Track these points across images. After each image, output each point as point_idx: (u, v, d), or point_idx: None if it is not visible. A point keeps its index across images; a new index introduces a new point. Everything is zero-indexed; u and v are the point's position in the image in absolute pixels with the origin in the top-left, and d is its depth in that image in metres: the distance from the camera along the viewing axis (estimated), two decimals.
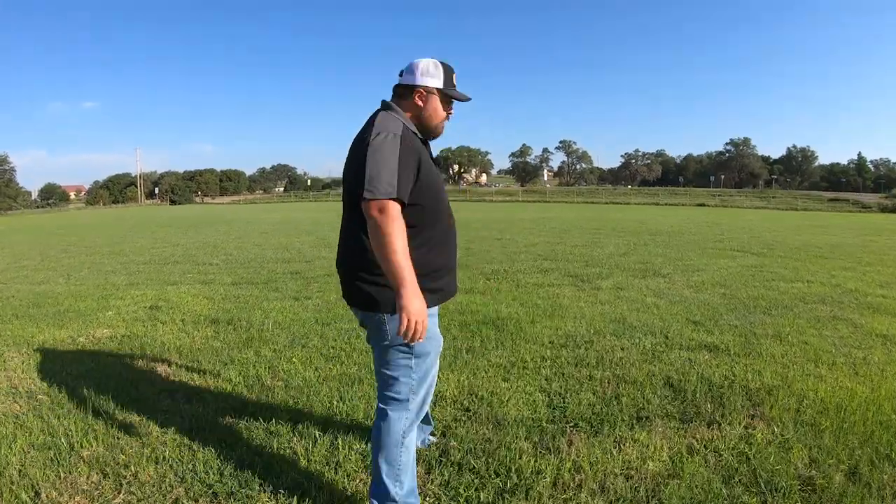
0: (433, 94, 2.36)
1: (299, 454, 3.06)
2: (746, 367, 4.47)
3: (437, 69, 2.34)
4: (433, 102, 2.37)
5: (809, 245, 14.95)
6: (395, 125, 2.21)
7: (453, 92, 2.38)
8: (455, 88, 2.40)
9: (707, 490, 2.71)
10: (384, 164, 2.09)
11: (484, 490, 2.71)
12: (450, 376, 4.24)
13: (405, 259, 2.02)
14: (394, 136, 2.15)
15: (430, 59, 2.36)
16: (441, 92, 2.36)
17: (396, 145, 2.14)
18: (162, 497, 2.68)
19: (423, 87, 2.34)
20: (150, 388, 4.11)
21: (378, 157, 2.11)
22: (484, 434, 3.31)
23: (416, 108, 2.36)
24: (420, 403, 2.39)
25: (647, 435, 3.27)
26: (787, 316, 6.41)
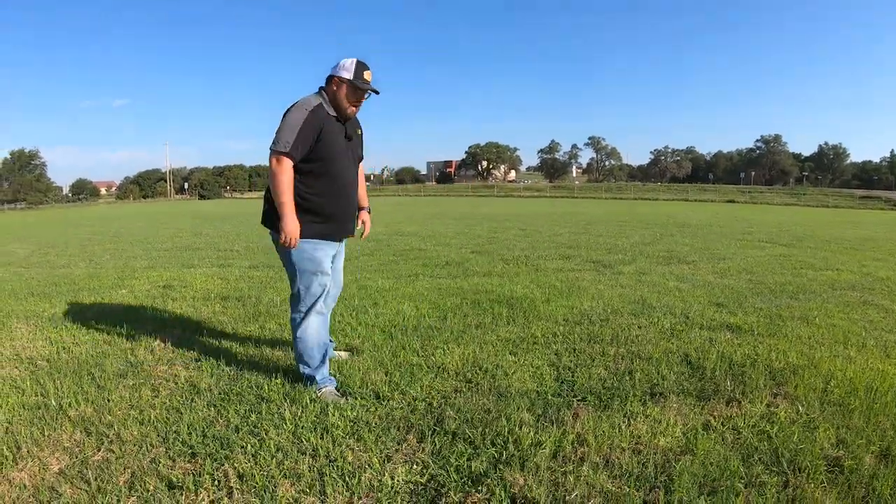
0: (344, 84, 3.13)
1: (287, 419, 2.94)
2: (770, 347, 4.23)
3: (352, 65, 3.12)
4: (343, 90, 3.14)
5: (840, 238, 14.52)
6: (312, 101, 3.08)
7: (359, 83, 3.12)
8: (364, 81, 3.14)
9: (723, 468, 2.50)
10: (288, 127, 3.00)
11: (477, 459, 2.55)
12: (454, 349, 4.10)
13: (288, 197, 3.03)
14: (305, 109, 3.03)
15: (351, 58, 3.14)
16: (350, 83, 3.12)
17: (303, 116, 3.01)
18: (141, 456, 2.58)
19: (338, 77, 3.14)
20: (148, 355, 4.04)
21: (287, 121, 3.03)
22: (484, 404, 3.15)
23: (332, 93, 3.16)
24: (308, 308, 3.29)
25: (659, 411, 3.07)
26: (815, 300, 6.13)
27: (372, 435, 2.77)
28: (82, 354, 4.10)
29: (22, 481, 2.41)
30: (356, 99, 3.19)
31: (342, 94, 3.14)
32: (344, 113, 3.18)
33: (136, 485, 2.36)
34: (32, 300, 6.40)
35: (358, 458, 2.57)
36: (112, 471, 2.46)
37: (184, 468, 2.49)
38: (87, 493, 2.29)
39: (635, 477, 2.43)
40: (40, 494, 2.30)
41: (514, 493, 2.30)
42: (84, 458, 2.58)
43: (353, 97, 3.17)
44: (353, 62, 3.13)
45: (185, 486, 2.35)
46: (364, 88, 3.16)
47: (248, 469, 2.47)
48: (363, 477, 2.42)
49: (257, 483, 2.36)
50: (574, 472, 2.46)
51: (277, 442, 2.70)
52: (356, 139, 3.37)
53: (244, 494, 2.30)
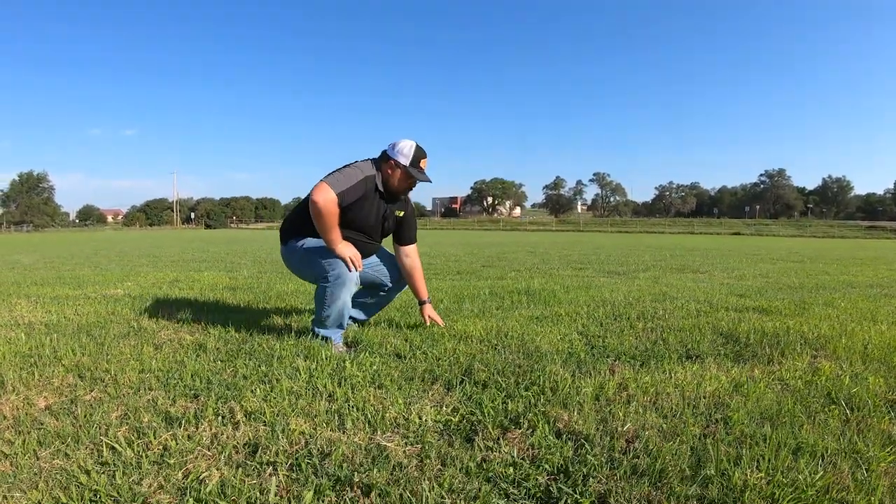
0: (399, 169, 3.20)
1: (300, 369, 2.69)
2: (801, 323, 3.99)
3: (410, 151, 3.17)
4: (397, 174, 3.22)
5: (851, 257, 14.39)
6: (368, 170, 3.18)
7: (414, 172, 3.19)
8: (419, 170, 3.22)
9: (778, 405, 2.27)
10: (345, 176, 3.09)
11: (513, 401, 2.29)
12: (476, 322, 3.86)
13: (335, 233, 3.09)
14: (361, 172, 3.13)
15: (411, 142, 3.20)
16: (406, 170, 3.18)
17: (358, 177, 3.10)
18: (137, 397, 2.32)
19: (394, 161, 3.19)
20: (153, 324, 3.81)
21: (345, 171, 3.12)
22: (514, 360, 2.91)
23: (385, 173, 3.23)
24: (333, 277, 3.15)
25: (699, 367, 2.82)
26: (837, 293, 5.92)
27: (394, 384, 2.52)
28: (83, 320, 3.89)
29: (1, 412, 2.16)
30: (408, 186, 3.28)
31: (395, 177, 3.22)
32: (393, 195, 3.29)
33: (130, 418, 2.11)
34: (35, 287, 6.22)
35: (381, 401, 2.32)
36: (104, 408, 2.20)
37: (184, 406, 2.24)
38: (73, 426, 2.03)
39: (688, 415, 2.18)
40: (20, 425, 2.04)
41: (559, 428, 2.04)
42: (74, 398, 2.32)
43: (406, 183, 3.25)
44: (411, 147, 3.18)
45: (184, 419, 2.10)
46: (418, 179, 3.23)
47: (257, 407, 2.21)
48: (387, 415, 2.16)
49: (267, 418, 2.10)
50: (622, 410, 2.20)
51: (291, 387, 2.44)
52: (391, 220, 3.41)
53: (252, 427, 2.04)
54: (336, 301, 3.16)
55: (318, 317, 3.26)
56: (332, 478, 1.67)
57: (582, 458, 1.80)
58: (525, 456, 1.83)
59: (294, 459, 1.79)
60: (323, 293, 3.18)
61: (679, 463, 1.76)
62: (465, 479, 1.67)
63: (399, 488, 1.60)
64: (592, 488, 1.61)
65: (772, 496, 1.58)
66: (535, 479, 1.67)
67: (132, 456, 1.79)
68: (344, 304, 3.19)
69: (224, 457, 1.80)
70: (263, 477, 1.67)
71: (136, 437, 1.94)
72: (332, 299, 3.15)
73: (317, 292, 3.24)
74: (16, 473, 1.67)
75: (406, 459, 1.80)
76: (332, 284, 3.13)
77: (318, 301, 3.21)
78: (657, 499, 1.57)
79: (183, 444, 1.88)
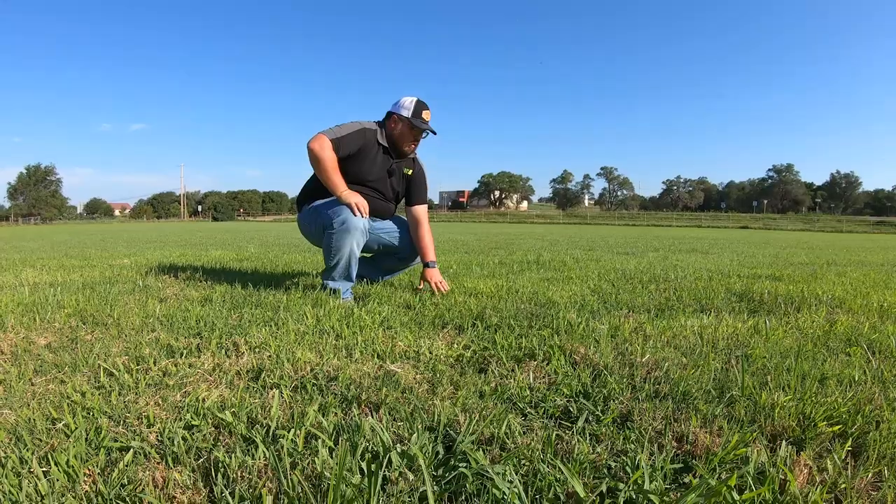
0: (402, 122, 3.26)
1: (308, 314, 2.61)
2: (815, 287, 3.92)
3: (411, 104, 3.23)
4: (399, 127, 3.27)
5: (861, 247, 14.22)
6: (369, 125, 3.25)
7: (416, 122, 3.21)
8: (421, 121, 3.23)
9: (799, 346, 2.18)
10: (341, 126, 3.16)
11: (526, 338, 2.21)
12: (487, 281, 3.78)
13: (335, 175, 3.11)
14: (360, 125, 3.20)
15: (412, 97, 3.25)
16: (408, 121, 3.22)
17: (356, 128, 3.18)
18: (139, 338, 2.24)
19: (396, 115, 3.27)
20: (158, 283, 3.74)
21: (342, 124, 3.18)
22: (526, 308, 2.83)
23: (389, 129, 3.31)
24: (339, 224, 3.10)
25: (714, 318, 2.73)
26: (849, 268, 5.81)
27: (404, 328, 2.44)
28: (88, 279, 3.83)
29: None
30: (413, 138, 3.30)
31: (399, 131, 3.27)
32: (399, 149, 3.32)
33: (131, 350, 2.04)
34: (41, 261, 6.17)
35: (390, 338, 2.24)
36: (105, 344, 2.13)
37: (187, 341, 2.16)
38: (72, 357, 1.95)
39: (709, 350, 2.10)
40: (18, 359, 1.96)
41: (576, 360, 1.96)
42: (75, 337, 2.25)
43: (410, 136, 3.28)
44: (412, 101, 3.23)
45: (186, 350, 2.03)
46: (421, 128, 3.25)
47: (262, 341, 2.14)
48: (396, 348, 2.09)
49: (272, 350, 2.03)
50: (639, 346, 2.12)
51: (298, 329, 2.36)
52: (398, 176, 3.42)
53: (256, 356, 1.97)
54: (342, 248, 3.10)
55: (326, 267, 3.23)
56: (338, 396, 1.60)
57: (601, 383, 1.72)
58: (542, 382, 1.75)
59: (299, 382, 1.71)
60: (329, 241, 3.13)
61: (703, 386, 1.68)
62: (480, 400, 1.59)
63: (409, 407, 1.52)
64: (613, 408, 1.53)
65: (803, 413, 1.49)
66: (552, 401, 1.59)
67: (130, 380, 1.72)
68: (351, 253, 3.14)
69: (226, 381, 1.73)
70: (265, 397, 1.59)
71: (135, 364, 1.87)
72: (337, 246, 3.10)
73: (324, 243, 3.19)
74: (8, 396, 1.60)
75: (417, 384, 1.72)
76: (338, 231, 3.08)
77: (326, 251, 3.17)
78: (682, 417, 1.49)
79: (183, 370, 1.81)
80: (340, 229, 3.07)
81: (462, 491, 1.12)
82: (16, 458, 1.20)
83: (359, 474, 1.12)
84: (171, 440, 1.30)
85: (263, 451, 1.24)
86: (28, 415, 1.44)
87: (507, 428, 1.39)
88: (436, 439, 1.33)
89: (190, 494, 1.09)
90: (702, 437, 1.36)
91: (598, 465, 1.21)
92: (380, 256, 3.69)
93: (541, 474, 1.15)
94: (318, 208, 3.24)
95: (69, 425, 1.37)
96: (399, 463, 1.19)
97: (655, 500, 1.07)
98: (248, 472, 1.16)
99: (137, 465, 1.20)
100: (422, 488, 1.10)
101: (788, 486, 1.12)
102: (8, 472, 1.12)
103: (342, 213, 3.08)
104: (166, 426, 1.37)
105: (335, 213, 3.09)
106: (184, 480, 1.14)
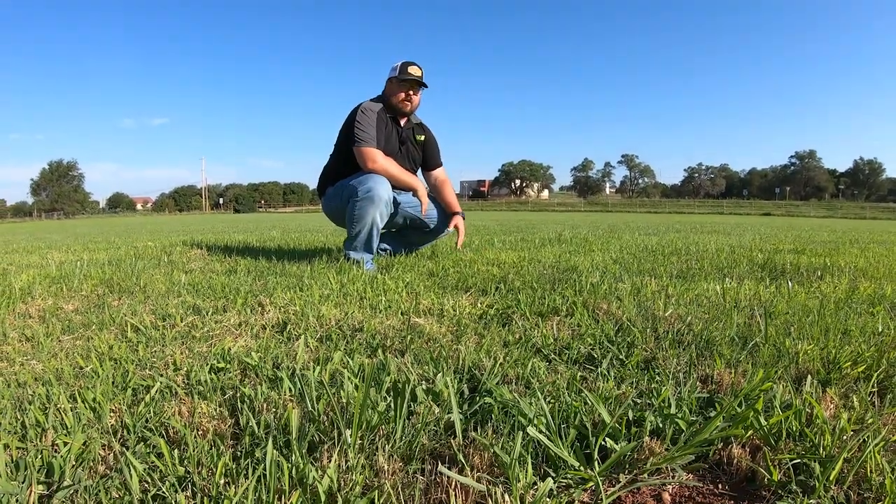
0: (391, 81, 3.38)
1: (332, 280, 2.63)
2: (837, 259, 3.85)
3: (398, 64, 3.33)
4: (389, 87, 3.39)
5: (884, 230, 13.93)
6: (374, 107, 3.34)
7: (401, 76, 3.30)
8: (407, 74, 3.29)
9: (822, 306, 2.15)
10: (367, 123, 3.25)
11: (549, 297, 2.20)
12: (509, 253, 3.79)
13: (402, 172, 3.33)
14: (372, 111, 3.30)
15: (401, 60, 3.34)
16: (395, 78, 3.33)
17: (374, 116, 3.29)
18: (165, 301, 2.28)
19: (389, 78, 3.40)
20: (183, 259, 3.80)
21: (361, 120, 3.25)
22: (548, 273, 2.82)
23: (386, 94, 3.41)
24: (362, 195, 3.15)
25: (737, 285, 2.70)
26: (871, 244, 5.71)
27: (428, 292, 2.45)
28: (113, 257, 3.89)
29: (26, 312, 2.14)
30: (404, 93, 3.35)
31: (389, 89, 3.38)
32: (397, 108, 3.38)
33: (157, 311, 2.07)
34: (66, 246, 6.28)
35: (413, 298, 2.25)
36: (132, 306, 2.16)
37: (213, 304, 2.19)
38: (99, 318, 1.98)
39: (731, 307, 2.08)
40: (46, 321, 2.00)
41: (599, 315, 1.96)
42: (102, 303, 2.29)
43: (399, 90, 3.34)
44: (401, 62, 3.34)
45: (212, 309, 2.06)
46: (405, 79, 3.30)
47: (286, 301, 2.16)
48: (420, 306, 2.10)
49: (297, 308, 2.05)
50: (662, 303, 2.11)
51: (322, 292, 2.38)
52: (412, 144, 3.53)
53: (282, 312, 1.99)
54: (365, 216, 3.13)
55: (348, 236, 3.27)
56: (363, 344, 1.61)
57: (625, 333, 1.72)
58: (566, 333, 1.75)
59: (324, 333, 1.73)
60: (353, 208, 3.16)
61: (726, 335, 1.67)
62: (504, 348, 1.60)
63: (434, 352, 1.53)
64: (637, 353, 1.52)
65: (827, 357, 1.48)
66: (577, 348, 1.59)
67: (156, 334, 1.75)
68: (374, 223, 3.16)
69: (251, 333, 1.75)
70: (291, 346, 1.61)
71: (161, 321, 1.90)
72: (360, 214, 3.13)
73: (347, 211, 3.23)
74: (36, 351, 1.63)
75: (441, 336, 1.73)
76: (362, 199, 3.12)
77: (349, 219, 3.20)
78: (706, 362, 1.48)
79: (209, 325, 1.84)
80: (365, 197, 3.11)
81: (488, 420, 1.12)
82: (43, 393, 1.23)
83: (384, 404, 1.13)
84: (197, 381, 1.33)
85: (289, 385, 1.26)
86: (56, 365, 1.47)
87: (532, 369, 1.39)
88: (461, 380, 1.34)
89: (216, 423, 1.11)
90: (726, 377, 1.35)
91: (623, 400, 1.21)
92: (405, 231, 3.75)
93: (566, 404, 1.16)
94: (343, 183, 3.31)
95: (96, 370, 1.40)
96: (424, 398, 1.20)
97: (682, 424, 1.07)
98: (274, 405, 1.17)
99: (164, 400, 1.23)
100: (447, 416, 1.10)
101: (816, 417, 1.10)
102: (35, 409, 1.15)
103: (368, 182, 3.12)
104: (193, 369, 1.40)
105: (360, 183, 3.15)
106: (210, 412, 1.16)
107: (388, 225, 3.42)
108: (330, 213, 3.51)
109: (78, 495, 0.88)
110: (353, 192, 3.16)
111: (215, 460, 0.95)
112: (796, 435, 1.06)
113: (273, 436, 1.02)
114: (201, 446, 1.00)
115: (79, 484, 0.89)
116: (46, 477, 0.93)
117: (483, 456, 0.99)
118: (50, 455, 0.97)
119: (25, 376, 1.37)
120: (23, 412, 1.14)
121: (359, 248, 3.25)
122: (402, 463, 0.98)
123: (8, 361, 1.51)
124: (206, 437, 1.06)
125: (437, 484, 0.93)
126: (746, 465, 1.00)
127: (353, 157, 3.27)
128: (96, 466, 0.96)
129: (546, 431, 1.02)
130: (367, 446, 1.01)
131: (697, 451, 1.01)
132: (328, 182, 3.48)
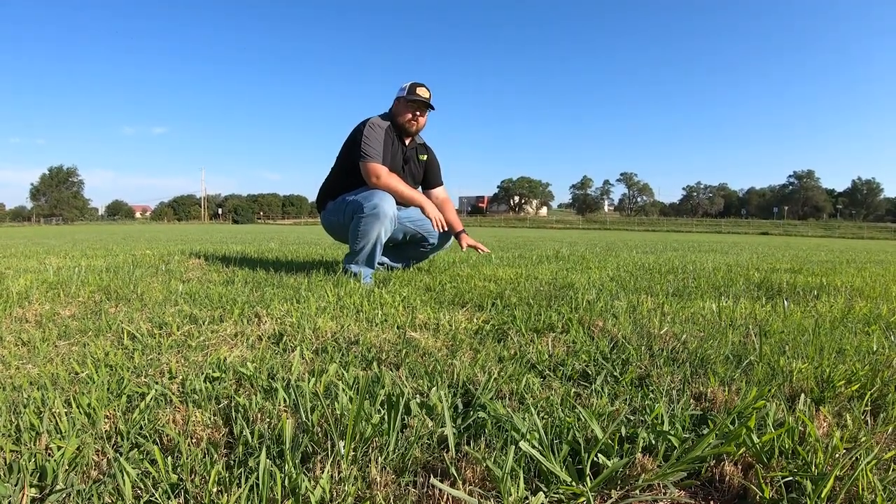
0: (398, 101, 3.40)
1: (329, 292, 2.64)
2: (833, 279, 3.87)
3: (407, 85, 3.35)
4: (396, 107, 3.42)
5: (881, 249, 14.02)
6: (382, 123, 3.36)
7: (409, 97, 3.32)
8: (416, 96, 3.32)
9: (817, 325, 2.16)
10: (374, 140, 3.27)
11: (546, 315, 2.21)
12: (506, 269, 3.79)
13: (409, 190, 3.36)
14: (380, 128, 3.32)
15: (410, 81, 3.35)
16: (403, 98, 3.35)
17: (381, 133, 3.31)
18: (162, 309, 2.28)
19: (397, 99, 3.41)
20: (181, 269, 3.80)
21: (368, 136, 3.27)
22: (544, 290, 2.83)
23: (393, 113, 3.44)
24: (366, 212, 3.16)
25: (733, 304, 2.71)
26: (868, 264, 5.74)
27: (425, 306, 2.45)
28: (112, 264, 3.89)
29: (23, 316, 2.14)
30: (410, 114, 3.38)
31: (397, 109, 3.41)
32: (403, 127, 3.41)
33: (154, 320, 2.07)
34: (64, 251, 6.28)
35: (410, 312, 2.26)
36: (129, 314, 2.17)
37: (210, 313, 2.20)
38: (96, 325, 1.99)
39: (727, 325, 2.09)
40: (42, 326, 2.00)
41: (594, 332, 1.97)
42: (99, 310, 2.29)
43: (407, 110, 3.37)
44: (409, 83, 3.36)
45: (209, 319, 2.06)
46: (413, 100, 3.33)
47: (282, 313, 2.17)
48: (416, 321, 2.10)
49: (293, 319, 2.05)
50: (658, 320, 2.12)
51: (319, 305, 2.39)
52: (415, 164, 3.55)
53: (278, 323, 1.99)
54: (369, 233, 3.16)
55: (350, 251, 3.28)
56: (358, 357, 1.62)
57: (620, 350, 1.73)
58: (561, 349, 1.76)
59: (320, 346, 1.74)
60: (358, 225, 3.18)
61: (721, 353, 1.68)
62: (499, 363, 1.60)
63: (429, 366, 1.53)
64: (631, 371, 1.53)
65: (821, 376, 1.49)
66: (571, 365, 1.59)
67: (153, 342, 1.75)
68: (377, 240, 3.20)
69: (247, 344, 1.76)
70: (287, 357, 1.62)
71: (157, 329, 1.90)
72: (365, 230, 3.17)
73: (351, 227, 3.24)
74: (32, 355, 1.63)
75: (436, 350, 1.74)
76: (368, 215, 3.14)
77: (353, 235, 3.24)
78: (700, 379, 1.48)
79: (206, 335, 1.84)
80: (371, 213, 3.12)
81: (481, 434, 1.13)
82: (38, 397, 1.23)
83: (378, 416, 1.14)
84: (192, 389, 1.33)
85: (284, 396, 1.26)
86: (51, 370, 1.47)
87: (526, 385, 1.40)
88: (455, 394, 1.34)
89: (210, 432, 1.11)
90: (720, 395, 1.36)
91: (616, 417, 1.22)
92: (404, 247, 3.75)
93: (559, 419, 1.16)
94: (346, 198, 3.32)
95: (92, 376, 1.40)
96: (418, 411, 1.20)
97: (675, 441, 1.07)
98: (268, 416, 1.18)
99: (159, 408, 1.23)
100: (440, 430, 1.11)
101: (808, 436, 1.11)
102: (29, 412, 1.15)
103: (373, 199, 3.14)
104: (188, 378, 1.40)
105: (366, 199, 3.16)
106: (204, 420, 1.16)
107: (388, 240, 3.43)
108: (329, 227, 3.52)
109: (70, 499, 0.88)
110: (359, 207, 3.17)
111: (209, 468, 0.95)
112: (789, 453, 1.07)
113: (267, 445, 1.02)
114: (195, 454, 1.00)
115: (72, 488, 0.90)
116: (39, 480, 0.93)
117: (475, 469, 0.99)
118: (43, 459, 0.97)
119: (21, 380, 1.37)
120: (17, 415, 1.14)
121: (360, 262, 3.27)
122: (395, 475, 0.98)
123: (4, 365, 1.52)
124: (199, 445, 1.06)
125: (430, 496, 0.93)
126: (738, 482, 1.01)
127: (354, 171, 3.29)
128: (89, 471, 0.96)
129: (539, 446, 1.02)
130: (360, 458, 1.02)
131: (689, 468, 1.01)
132: (328, 196, 3.49)
